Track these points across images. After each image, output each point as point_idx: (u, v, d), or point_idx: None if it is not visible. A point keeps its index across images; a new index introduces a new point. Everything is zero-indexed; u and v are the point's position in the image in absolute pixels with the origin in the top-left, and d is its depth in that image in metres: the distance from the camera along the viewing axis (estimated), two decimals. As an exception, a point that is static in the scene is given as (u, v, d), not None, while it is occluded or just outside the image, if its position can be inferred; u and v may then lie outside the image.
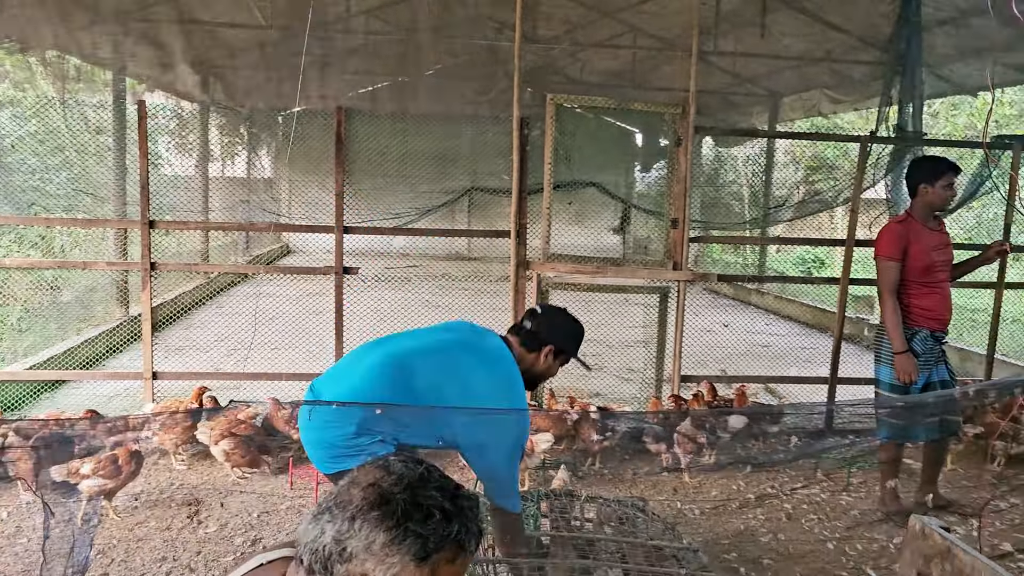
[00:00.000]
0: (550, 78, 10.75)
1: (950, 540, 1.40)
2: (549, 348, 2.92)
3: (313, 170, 12.15)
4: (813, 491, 4.83)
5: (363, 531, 1.16)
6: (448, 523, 1.18)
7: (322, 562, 1.17)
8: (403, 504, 1.17)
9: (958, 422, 4.33)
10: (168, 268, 5.97)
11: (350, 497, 1.19)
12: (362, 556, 1.15)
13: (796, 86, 10.62)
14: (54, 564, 2.53)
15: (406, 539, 1.15)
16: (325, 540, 1.17)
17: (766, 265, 12.80)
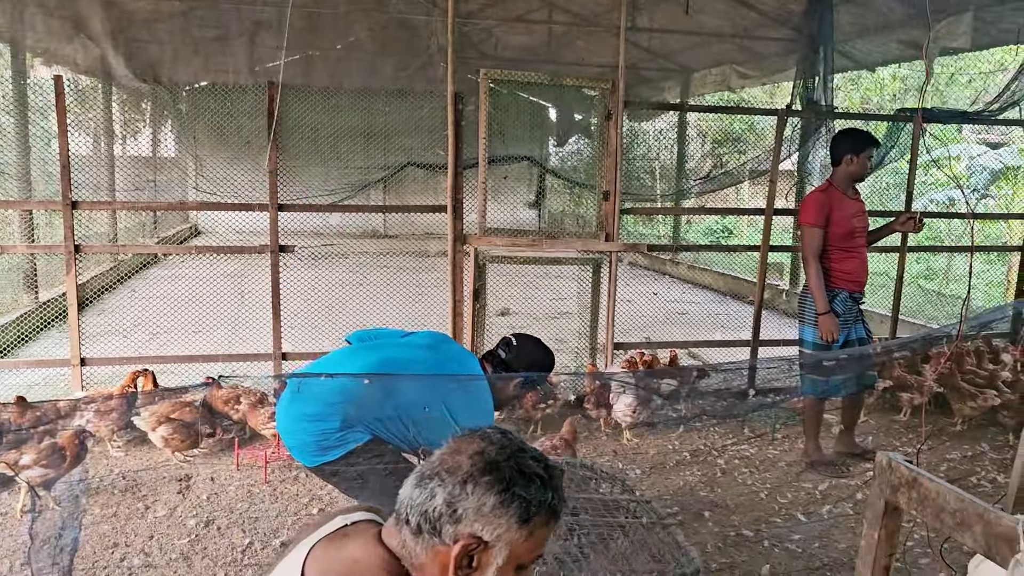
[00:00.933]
0: (467, 52, 10.75)
1: (915, 471, 1.58)
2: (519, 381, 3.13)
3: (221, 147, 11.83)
4: (742, 447, 5.13)
5: (475, 494, 1.25)
6: (545, 489, 1.30)
7: (431, 523, 1.26)
8: (510, 471, 1.28)
9: (874, 376, 4.67)
10: (94, 250, 5.78)
11: (458, 463, 1.29)
12: (472, 517, 1.25)
13: (707, 62, 10.95)
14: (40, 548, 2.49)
15: (513, 502, 1.26)
16: (436, 503, 1.26)
17: (679, 236, 13.23)
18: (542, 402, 5.12)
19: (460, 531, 1.26)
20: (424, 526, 1.27)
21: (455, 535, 1.26)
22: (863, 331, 4.59)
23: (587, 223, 6.10)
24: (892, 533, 1.66)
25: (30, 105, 7.88)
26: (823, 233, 4.42)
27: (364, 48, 9.32)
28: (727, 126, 11.34)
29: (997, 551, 1.37)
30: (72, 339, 5.21)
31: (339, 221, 12.90)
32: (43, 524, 2.73)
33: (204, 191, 9.33)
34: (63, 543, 2.46)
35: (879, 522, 1.66)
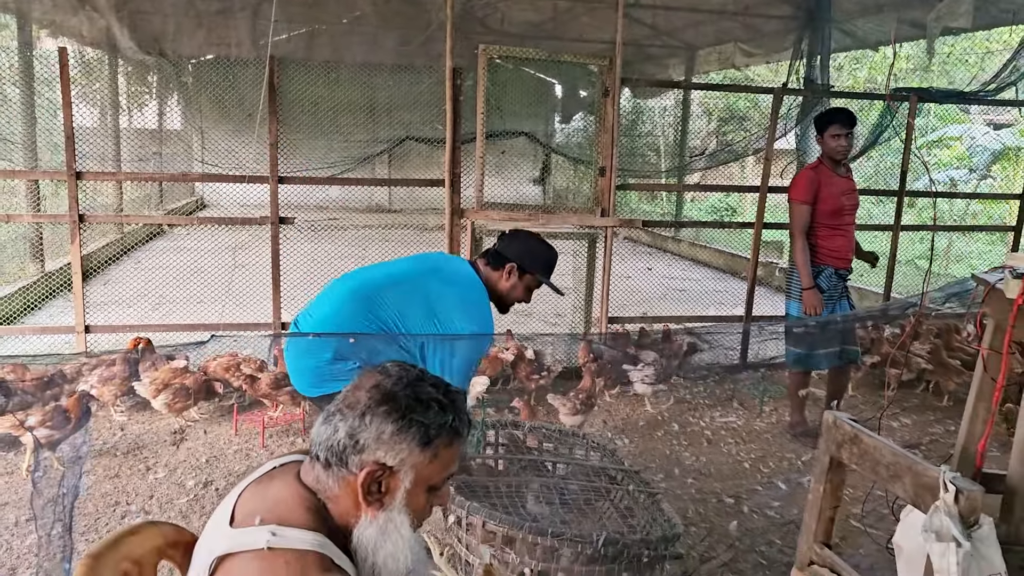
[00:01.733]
0: (471, 27, 10.76)
1: (856, 428, 1.68)
2: (511, 266, 2.97)
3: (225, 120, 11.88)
4: (730, 419, 5.24)
5: (373, 424, 1.35)
6: (444, 413, 1.39)
7: (337, 455, 1.36)
8: (406, 399, 1.37)
9: (857, 351, 4.76)
10: (98, 220, 5.88)
11: (357, 398, 1.39)
12: (373, 446, 1.35)
13: (711, 39, 10.94)
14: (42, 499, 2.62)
15: (411, 428, 1.36)
16: (339, 436, 1.36)
17: (682, 214, 13.28)
18: (536, 373, 5.23)
19: (364, 459, 1.35)
20: (332, 459, 1.37)
21: (360, 463, 1.35)
22: (847, 307, 4.68)
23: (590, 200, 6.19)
24: (836, 487, 1.76)
25: (36, 76, 7.95)
26: (811, 210, 4.50)
27: (367, 22, 9.34)
28: (731, 104, 11.34)
29: (922, 500, 1.47)
30: (77, 306, 5.32)
31: (340, 195, 12.98)
32: (47, 482, 2.85)
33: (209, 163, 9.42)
34: (64, 490, 2.58)
35: (824, 476, 1.76)
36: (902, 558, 1.61)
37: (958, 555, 1.36)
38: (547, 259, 3.08)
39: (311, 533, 1.31)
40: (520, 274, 3.00)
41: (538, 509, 3.19)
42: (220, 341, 5.04)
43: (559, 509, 3.15)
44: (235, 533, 1.32)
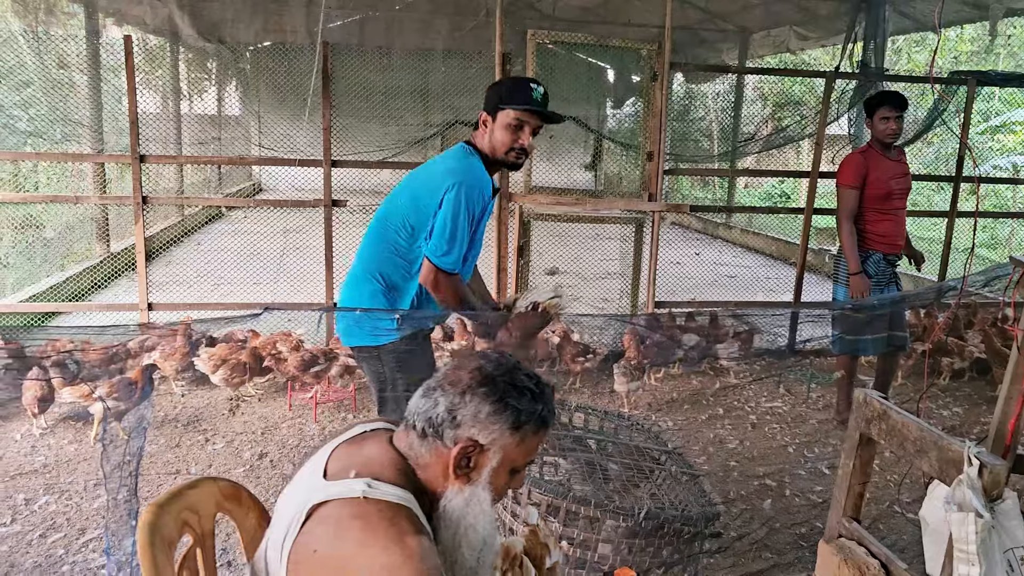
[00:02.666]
0: (523, 12, 10.79)
1: (886, 404, 1.71)
2: (480, 115, 2.80)
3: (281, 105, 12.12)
4: (776, 404, 5.23)
5: (472, 403, 1.45)
6: (536, 401, 1.49)
7: (435, 427, 1.46)
8: (504, 384, 1.47)
9: (905, 337, 4.70)
10: (160, 202, 6.11)
11: (459, 377, 1.49)
12: (470, 423, 1.45)
13: (765, 22, 10.79)
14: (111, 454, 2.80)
15: (506, 411, 1.45)
16: (439, 410, 1.46)
17: (734, 200, 13.14)
18: (581, 355, 5.29)
19: (459, 435, 1.45)
20: (428, 431, 1.47)
21: (455, 438, 1.45)
22: (896, 293, 4.63)
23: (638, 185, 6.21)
24: (866, 463, 1.79)
25: (102, 64, 8.23)
26: (858, 194, 4.45)
27: (419, 8, 9.45)
28: (786, 88, 11.17)
29: (947, 474, 1.50)
30: (140, 284, 5.55)
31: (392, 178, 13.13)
32: (113, 448, 3.02)
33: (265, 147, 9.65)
34: (129, 456, 2.75)
35: (854, 452, 1.79)
36: (927, 531, 1.64)
37: (977, 525, 1.39)
38: (509, 87, 2.79)
39: (402, 490, 1.42)
40: (493, 118, 2.75)
41: (581, 485, 3.27)
42: (275, 317, 5.21)
43: (603, 485, 3.21)
44: (330, 484, 1.43)
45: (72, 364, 4.50)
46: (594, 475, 3.31)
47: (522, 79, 2.86)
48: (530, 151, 2.81)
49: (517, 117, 2.70)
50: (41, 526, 3.49)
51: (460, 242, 2.69)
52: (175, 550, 1.51)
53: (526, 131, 2.73)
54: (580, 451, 3.45)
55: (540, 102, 2.72)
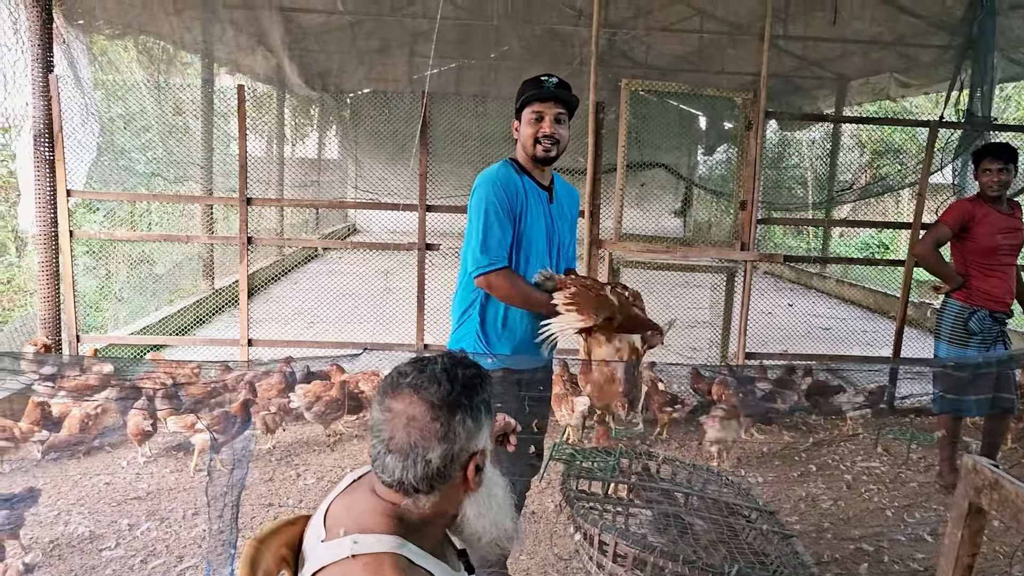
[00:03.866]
0: (616, 61, 10.92)
1: (998, 473, 1.63)
2: (513, 125, 2.89)
3: (379, 150, 12.53)
4: (873, 464, 5.02)
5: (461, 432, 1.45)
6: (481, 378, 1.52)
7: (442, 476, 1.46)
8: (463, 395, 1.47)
9: (1013, 399, 4.46)
10: (263, 243, 6.39)
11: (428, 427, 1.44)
12: (468, 446, 1.46)
13: (864, 70, 10.58)
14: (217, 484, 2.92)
15: (481, 409, 1.49)
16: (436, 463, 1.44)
17: (829, 250, 12.79)
18: (669, 404, 5.22)
19: (464, 460, 1.47)
20: (437, 482, 1.46)
21: (463, 464, 1.47)
22: (1003, 352, 4.40)
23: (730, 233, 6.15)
24: (975, 533, 1.71)
25: (215, 110, 8.72)
26: (951, 237, 4.40)
27: (514, 57, 9.69)
28: (886, 136, 10.87)
29: (1066, 551, 1.42)
30: (241, 322, 5.80)
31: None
32: (213, 479, 3.15)
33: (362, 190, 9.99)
34: (233, 481, 2.86)
35: (963, 522, 1.72)
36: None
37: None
38: (523, 88, 2.83)
39: (389, 537, 1.43)
40: (517, 120, 2.86)
41: (667, 539, 3.21)
42: (371, 356, 5.35)
43: (691, 539, 3.14)
44: (325, 547, 1.46)
45: (176, 396, 4.72)
46: (681, 530, 3.25)
47: (534, 77, 2.82)
48: (563, 141, 2.80)
49: (533, 110, 2.76)
50: (143, 552, 3.64)
51: (494, 237, 2.72)
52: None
53: (546, 120, 2.74)
54: (667, 503, 3.39)
55: (553, 89, 2.74)
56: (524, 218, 2.79)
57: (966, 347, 4.35)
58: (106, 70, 7.99)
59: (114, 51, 9.14)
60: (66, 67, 6.01)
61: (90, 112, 6.30)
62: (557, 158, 2.83)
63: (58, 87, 5.55)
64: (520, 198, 2.78)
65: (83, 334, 5.85)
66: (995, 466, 1.65)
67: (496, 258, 2.72)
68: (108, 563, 3.53)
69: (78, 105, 6.04)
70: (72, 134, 5.85)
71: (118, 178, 7.11)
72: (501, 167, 2.83)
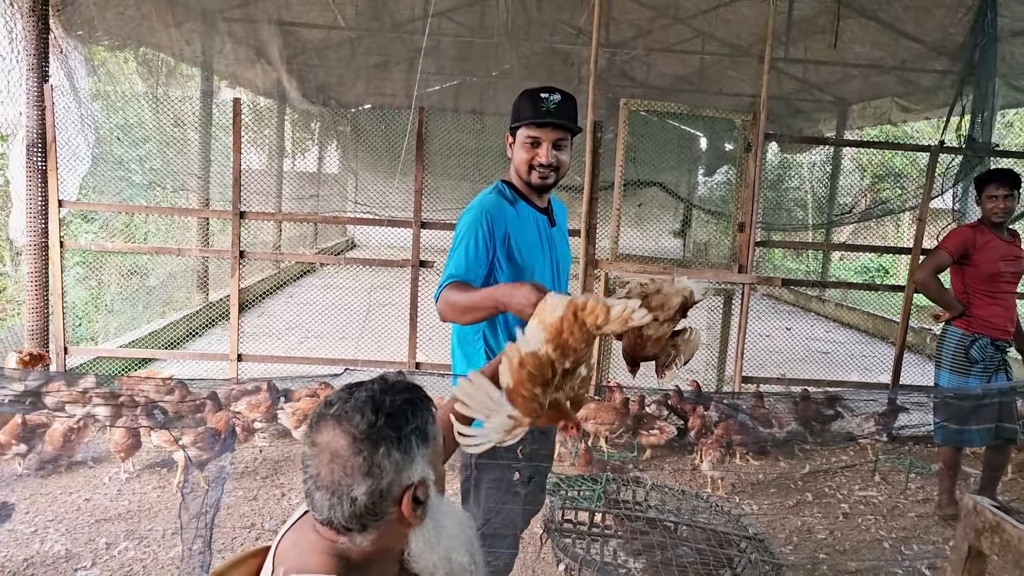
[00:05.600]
0: (615, 80, 10.91)
1: (999, 516, 1.56)
2: (507, 139, 2.59)
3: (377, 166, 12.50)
4: (870, 493, 4.92)
5: (388, 467, 1.32)
6: (414, 404, 1.38)
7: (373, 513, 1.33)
8: (389, 426, 1.34)
9: (1015, 430, 4.37)
10: (256, 257, 6.32)
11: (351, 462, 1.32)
12: (398, 480, 1.33)
13: (865, 94, 10.57)
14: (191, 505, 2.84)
15: (411, 439, 1.35)
16: (362, 500, 1.32)
17: (828, 273, 12.73)
18: (645, 429, 5.13)
19: (397, 495, 1.34)
20: (368, 520, 1.34)
21: (396, 499, 1.34)
22: (1005, 381, 4.32)
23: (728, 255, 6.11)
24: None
25: (214, 123, 8.69)
26: (951, 263, 4.35)
27: (513, 75, 9.66)
28: (886, 160, 10.83)
29: (1072, 602, 1.34)
30: (232, 336, 5.72)
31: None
32: (192, 498, 3.07)
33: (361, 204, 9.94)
34: (206, 508, 2.77)
35: (962, 565, 1.63)
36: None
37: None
38: (521, 102, 2.50)
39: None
40: (511, 137, 2.55)
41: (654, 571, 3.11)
42: (353, 375, 5.25)
43: (675, 572, 3.05)
44: None
45: (159, 413, 4.63)
46: (666, 561, 3.16)
47: (535, 90, 2.48)
48: (564, 167, 2.51)
49: (529, 135, 2.45)
50: (119, 572, 3.54)
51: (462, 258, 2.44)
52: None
53: (544, 147, 2.45)
54: (654, 534, 3.30)
55: (554, 112, 2.42)
56: (519, 250, 2.49)
57: (968, 375, 4.27)
58: (105, 81, 7.97)
59: (114, 62, 9.13)
60: (63, 77, 5.97)
61: (86, 123, 6.26)
62: (556, 184, 2.57)
63: (52, 97, 5.50)
64: (511, 228, 2.49)
65: (71, 346, 5.77)
66: (996, 506, 1.57)
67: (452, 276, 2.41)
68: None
69: (74, 116, 5.99)
70: (66, 144, 5.80)
71: (115, 188, 7.06)
72: (492, 193, 2.56)
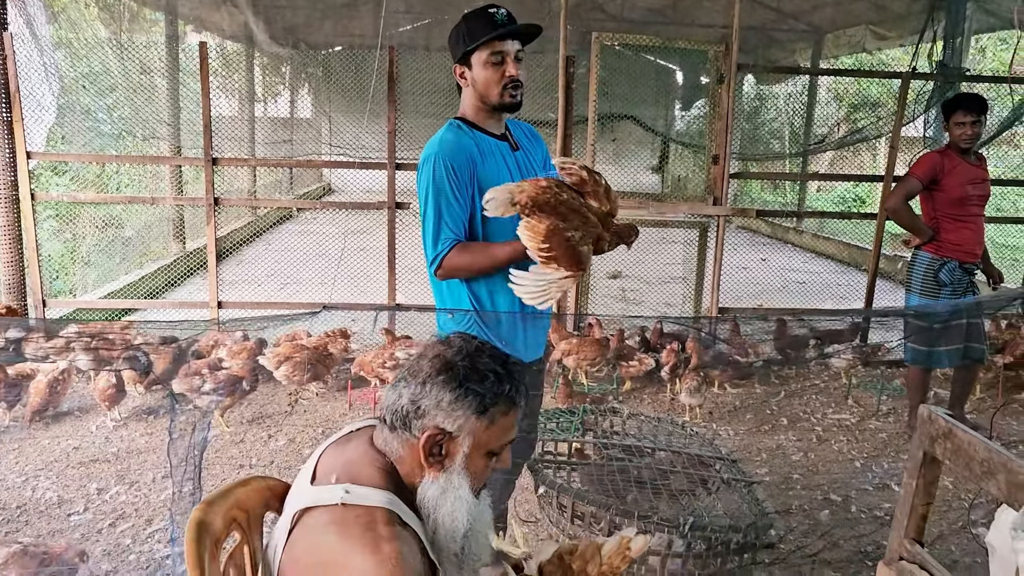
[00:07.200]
0: (588, 14, 10.73)
1: (951, 423, 1.63)
2: (456, 70, 2.47)
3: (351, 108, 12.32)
4: (843, 416, 5.07)
5: (432, 392, 1.46)
6: (500, 383, 1.48)
7: (401, 419, 1.48)
8: (464, 369, 1.47)
9: (983, 349, 4.51)
10: (230, 203, 6.29)
11: (420, 367, 1.50)
12: (433, 412, 1.45)
13: (839, 21, 10.49)
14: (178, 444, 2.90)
15: (467, 396, 1.45)
16: (403, 402, 1.48)
17: (806, 205, 12.81)
18: (635, 358, 5.23)
19: (426, 424, 1.45)
20: (396, 423, 1.48)
21: (422, 428, 1.45)
22: (973, 300, 4.44)
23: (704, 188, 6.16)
24: (930, 483, 1.72)
25: (182, 68, 8.51)
26: (921, 190, 4.39)
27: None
28: (862, 90, 10.81)
29: (1016, 498, 1.42)
30: (211, 284, 5.72)
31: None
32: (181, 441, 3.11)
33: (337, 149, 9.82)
34: (194, 441, 2.84)
35: (918, 471, 1.72)
36: (995, 558, 1.55)
37: (1045, 555, 1.31)
38: (469, 25, 2.37)
39: (380, 491, 1.43)
40: (468, 66, 2.42)
41: (631, 495, 3.22)
42: (335, 315, 5.30)
43: (650, 495, 3.16)
44: (314, 490, 1.46)
45: (143, 357, 4.66)
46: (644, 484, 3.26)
47: (479, 9, 2.37)
48: (523, 83, 2.44)
49: (493, 51, 2.35)
50: (111, 515, 3.62)
51: (443, 221, 2.37)
52: (222, 547, 1.54)
53: (509, 61, 2.37)
54: (629, 461, 3.40)
55: (508, 22, 2.35)
56: (487, 184, 2.33)
57: (937, 298, 4.37)
58: (67, 28, 7.76)
59: (75, 8, 8.88)
60: (22, 25, 5.81)
61: (50, 72, 6.12)
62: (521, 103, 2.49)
63: (12, 45, 5.36)
64: (475, 162, 2.40)
65: (50, 299, 5.75)
66: (950, 415, 1.65)
67: (447, 242, 2.36)
68: (76, 527, 3.51)
69: (36, 64, 5.85)
70: (30, 94, 5.68)
71: (84, 138, 6.94)
72: (446, 132, 2.46)
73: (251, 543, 1.63)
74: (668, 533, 2.63)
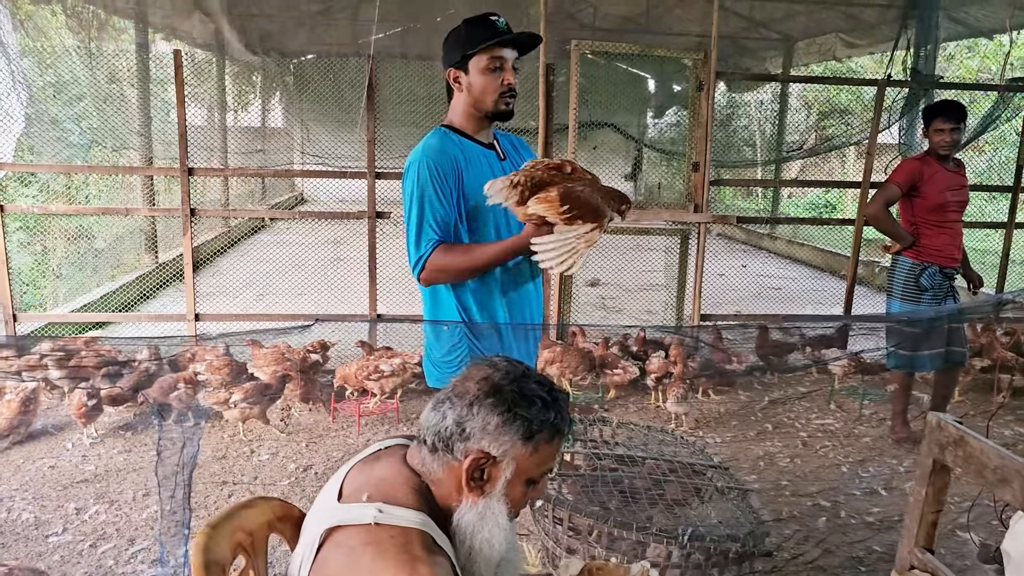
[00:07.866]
0: (563, 23, 10.75)
1: (962, 430, 1.63)
2: (450, 74, 2.44)
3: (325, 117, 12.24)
4: (827, 421, 5.10)
5: (480, 415, 1.41)
6: (547, 410, 1.44)
7: (444, 441, 1.42)
8: (512, 393, 1.43)
9: (964, 353, 4.56)
10: (207, 214, 6.20)
11: (466, 388, 1.44)
12: (479, 435, 1.41)
13: (810, 30, 10.62)
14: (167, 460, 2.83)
15: (515, 421, 1.41)
16: (447, 423, 1.43)
17: (778, 211, 12.94)
18: (619, 367, 5.22)
19: (469, 447, 1.41)
20: (439, 445, 1.44)
21: (465, 451, 1.42)
22: (954, 306, 4.49)
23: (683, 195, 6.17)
24: (940, 490, 1.71)
25: (151, 77, 8.39)
26: (900, 196, 4.43)
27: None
28: (832, 97, 10.94)
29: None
30: (188, 296, 5.62)
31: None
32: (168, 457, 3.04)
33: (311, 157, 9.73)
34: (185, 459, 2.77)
35: (927, 479, 1.71)
36: (1010, 566, 1.55)
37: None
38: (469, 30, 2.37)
39: (415, 512, 1.38)
40: (464, 71, 2.40)
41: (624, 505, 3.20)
42: (323, 327, 5.24)
43: (645, 505, 3.14)
44: (343, 508, 1.41)
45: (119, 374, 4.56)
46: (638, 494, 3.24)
47: (479, 15, 2.38)
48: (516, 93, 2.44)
49: (493, 56, 2.34)
50: (92, 536, 3.52)
51: (425, 222, 2.34)
52: (228, 571, 1.49)
53: (507, 68, 2.38)
54: (622, 471, 3.38)
55: (508, 30, 2.36)
56: (472, 192, 2.36)
57: (918, 303, 4.41)
58: (34, 36, 7.60)
59: (41, 16, 8.71)
60: (-12, 32, 5.68)
61: (16, 80, 5.99)
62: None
63: (-20, 54, 5.23)
64: (459, 168, 2.37)
65: (20, 313, 5.62)
66: (959, 423, 1.65)
67: (429, 244, 2.33)
68: (56, 549, 3.40)
69: (3, 73, 5.73)
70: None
71: (53, 149, 6.79)
72: (431, 137, 2.43)
73: (256, 567, 1.58)
74: (667, 545, 2.61)
